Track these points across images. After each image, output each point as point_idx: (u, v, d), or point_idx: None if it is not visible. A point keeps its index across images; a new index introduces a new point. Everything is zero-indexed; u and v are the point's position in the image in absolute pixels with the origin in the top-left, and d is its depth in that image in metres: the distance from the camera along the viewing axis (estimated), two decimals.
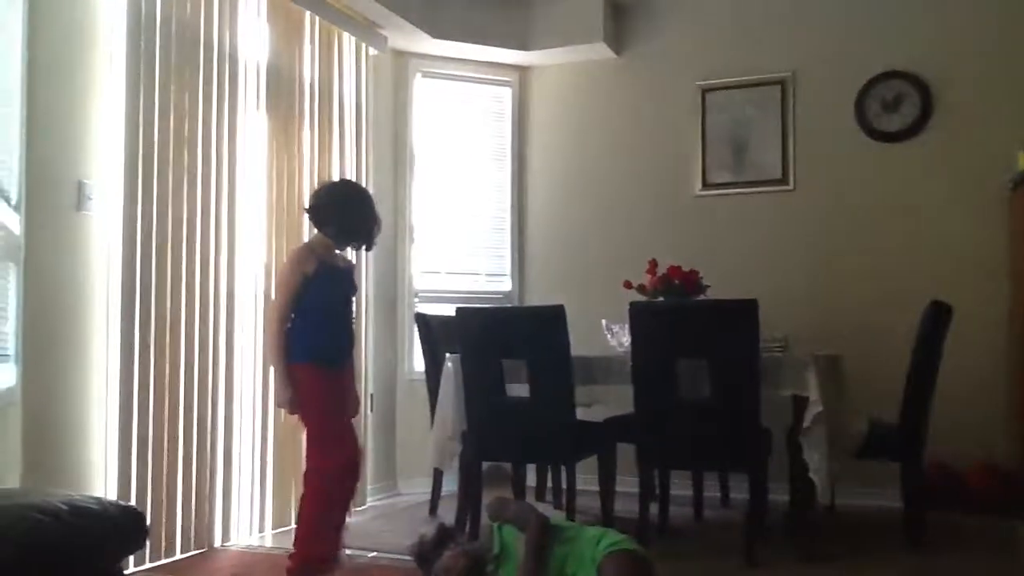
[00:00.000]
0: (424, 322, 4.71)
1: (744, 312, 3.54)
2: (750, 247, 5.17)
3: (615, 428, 4.03)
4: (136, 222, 3.52)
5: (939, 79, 4.86)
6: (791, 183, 5.15)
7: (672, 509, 4.17)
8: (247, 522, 4.13)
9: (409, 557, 2.79)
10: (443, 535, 2.74)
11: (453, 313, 4.02)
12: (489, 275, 5.72)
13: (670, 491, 4.19)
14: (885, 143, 4.96)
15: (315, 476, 3.33)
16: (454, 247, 5.64)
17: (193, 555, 3.75)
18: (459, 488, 4.14)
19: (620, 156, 5.56)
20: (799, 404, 3.58)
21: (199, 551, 3.79)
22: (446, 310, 4.58)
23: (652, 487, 3.91)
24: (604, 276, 5.06)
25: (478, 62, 5.65)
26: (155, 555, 3.57)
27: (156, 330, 3.60)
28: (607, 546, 2.59)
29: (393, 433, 5.29)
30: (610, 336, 4.16)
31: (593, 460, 3.95)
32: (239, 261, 4.05)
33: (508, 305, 5.60)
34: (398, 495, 5.20)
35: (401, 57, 5.45)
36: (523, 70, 5.80)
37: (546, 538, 2.65)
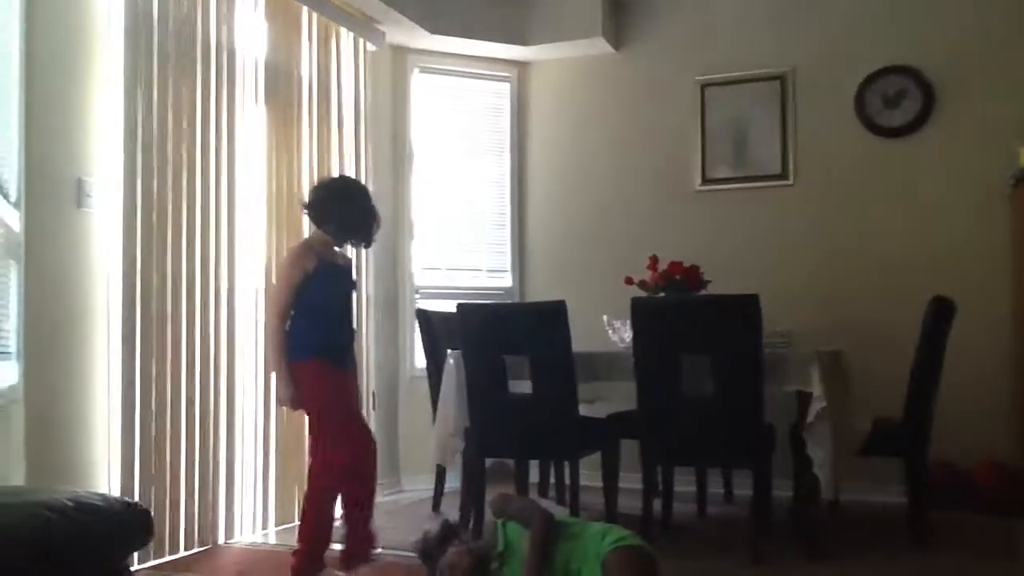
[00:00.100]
0: (425, 318, 4.70)
1: (746, 307, 3.53)
2: (751, 242, 5.16)
3: (618, 424, 4.03)
4: (136, 218, 3.52)
5: (941, 74, 4.84)
6: (791, 178, 5.13)
7: (676, 505, 4.15)
8: (251, 519, 4.13)
9: (413, 554, 2.78)
10: (447, 532, 2.73)
11: (454, 309, 4.01)
12: (490, 271, 5.71)
13: (673, 487, 4.18)
14: (886, 139, 4.95)
15: (319, 472, 3.33)
16: (454, 243, 5.63)
17: (197, 552, 3.74)
18: (462, 485, 4.14)
19: (620, 152, 5.54)
20: (803, 400, 3.57)
21: (203, 548, 3.79)
22: (447, 306, 4.57)
23: (655, 483, 3.90)
24: (604, 271, 5.06)
25: (477, 57, 5.64)
26: (159, 552, 3.56)
27: (157, 326, 3.59)
28: (612, 542, 2.57)
29: (396, 429, 5.28)
30: (612, 332, 4.16)
31: (596, 456, 3.95)
32: (239, 256, 4.04)
33: (509, 301, 5.59)
34: (401, 491, 5.20)
35: (399, 53, 5.43)
36: (522, 65, 5.78)
37: (550, 534, 2.63)
